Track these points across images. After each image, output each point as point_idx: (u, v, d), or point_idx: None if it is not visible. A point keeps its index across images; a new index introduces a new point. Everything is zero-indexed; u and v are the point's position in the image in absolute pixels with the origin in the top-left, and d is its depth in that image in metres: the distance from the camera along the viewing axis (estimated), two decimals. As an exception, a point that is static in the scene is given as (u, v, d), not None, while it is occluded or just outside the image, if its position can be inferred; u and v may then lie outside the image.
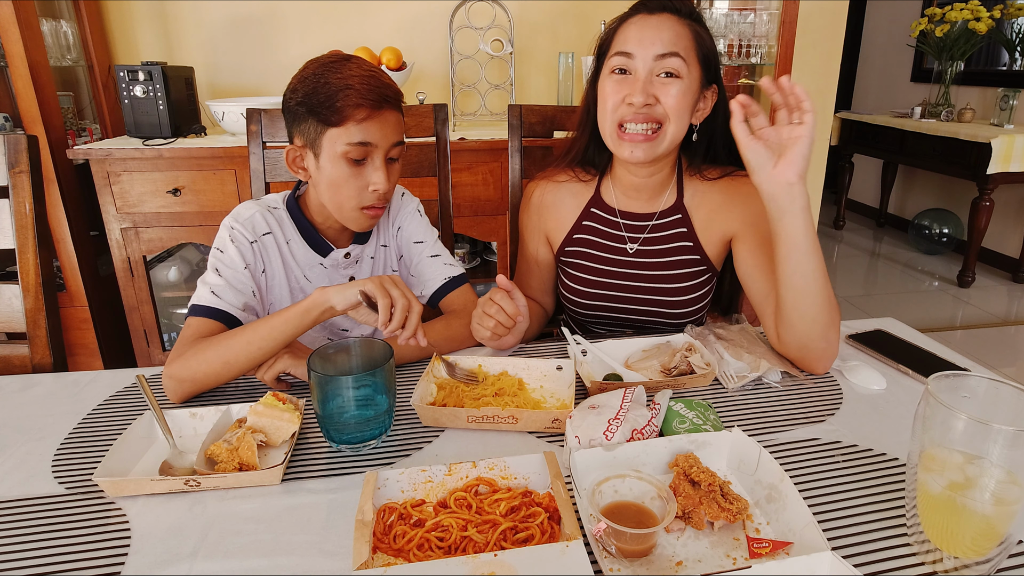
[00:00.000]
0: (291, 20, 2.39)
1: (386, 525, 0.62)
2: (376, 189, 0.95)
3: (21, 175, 1.04)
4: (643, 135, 0.98)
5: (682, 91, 0.97)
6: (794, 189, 0.83)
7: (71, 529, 0.64)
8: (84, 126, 2.32)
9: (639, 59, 0.96)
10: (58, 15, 2.19)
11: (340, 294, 0.85)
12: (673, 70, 0.96)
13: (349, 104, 0.89)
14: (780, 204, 0.84)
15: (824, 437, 0.77)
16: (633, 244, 1.11)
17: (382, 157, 0.94)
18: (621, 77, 0.98)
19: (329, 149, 0.92)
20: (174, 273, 2.26)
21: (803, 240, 0.85)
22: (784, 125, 0.83)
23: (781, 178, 0.83)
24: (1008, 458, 0.51)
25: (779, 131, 0.83)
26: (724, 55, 2.50)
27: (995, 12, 3.37)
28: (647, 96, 0.96)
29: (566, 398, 0.85)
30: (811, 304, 0.87)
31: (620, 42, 0.99)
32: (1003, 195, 3.54)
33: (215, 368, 0.85)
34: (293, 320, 0.86)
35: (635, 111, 0.97)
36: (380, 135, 0.93)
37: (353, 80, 0.89)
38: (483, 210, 2.12)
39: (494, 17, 2.33)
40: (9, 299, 1.08)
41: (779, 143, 0.83)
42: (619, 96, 0.98)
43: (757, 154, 0.84)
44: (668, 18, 0.97)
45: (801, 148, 0.81)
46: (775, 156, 0.84)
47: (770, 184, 0.84)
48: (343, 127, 0.90)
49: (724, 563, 0.58)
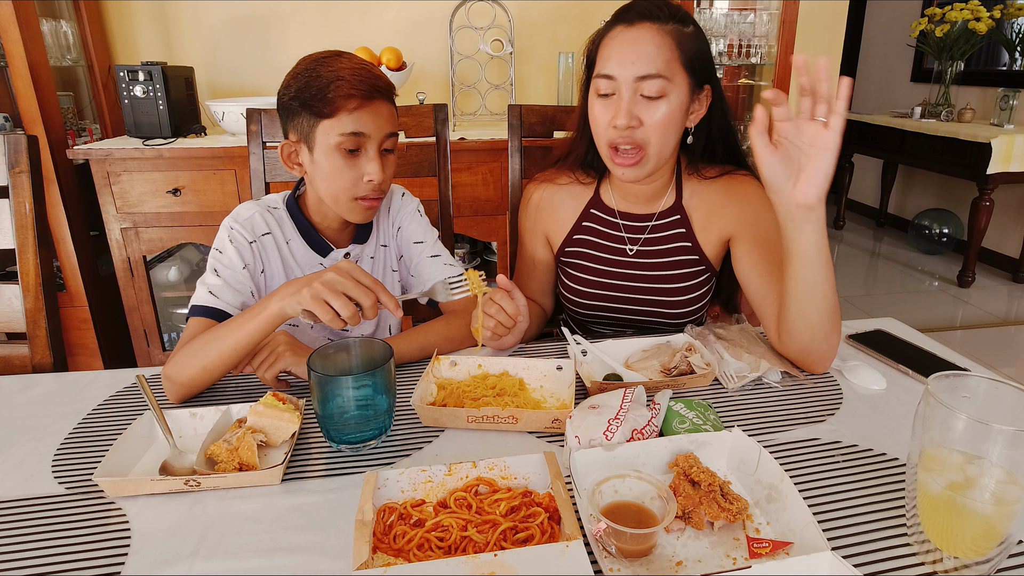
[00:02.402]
0: (291, 20, 2.39)
1: (386, 525, 0.62)
2: (371, 179, 0.95)
3: (21, 175, 1.04)
4: (630, 158, 0.97)
5: (667, 111, 0.95)
6: (813, 212, 0.78)
7: (71, 529, 0.64)
8: (84, 126, 2.32)
9: (620, 81, 0.94)
10: (58, 15, 2.19)
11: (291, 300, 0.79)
12: (655, 92, 0.93)
13: (340, 95, 0.90)
14: (797, 224, 0.80)
15: (824, 437, 0.77)
16: (633, 246, 1.11)
17: (376, 147, 0.95)
18: (606, 100, 0.97)
19: (323, 142, 0.93)
20: (174, 273, 2.26)
21: (815, 256, 0.81)
22: (805, 121, 0.75)
23: (801, 200, 0.77)
24: (1008, 458, 0.51)
25: (800, 130, 0.76)
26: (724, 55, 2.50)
27: (995, 12, 3.37)
28: (631, 119, 0.94)
29: (566, 398, 0.85)
30: (817, 313, 0.86)
31: (603, 61, 0.96)
32: (1003, 195, 3.53)
33: (194, 372, 0.84)
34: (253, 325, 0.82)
35: (619, 133, 0.96)
36: (373, 125, 0.93)
37: (344, 72, 0.90)
38: (483, 210, 2.12)
39: (494, 17, 2.33)
40: (9, 299, 1.08)
41: (799, 152, 0.77)
42: (606, 119, 0.97)
43: (775, 171, 0.78)
44: (647, 29, 0.94)
45: (822, 165, 0.75)
46: (793, 174, 0.78)
47: (788, 206, 0.79)
48: (335, 118, 0.91)
49: (724, 563, 0.58)
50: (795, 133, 0.76)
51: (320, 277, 0.78)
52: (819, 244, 0.81)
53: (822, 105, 0.74)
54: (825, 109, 0.74)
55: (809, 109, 0.75)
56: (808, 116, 0.75)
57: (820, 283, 0.84)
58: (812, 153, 0.76)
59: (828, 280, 0.84)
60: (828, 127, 0.74)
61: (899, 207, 4.62)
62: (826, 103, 0.73)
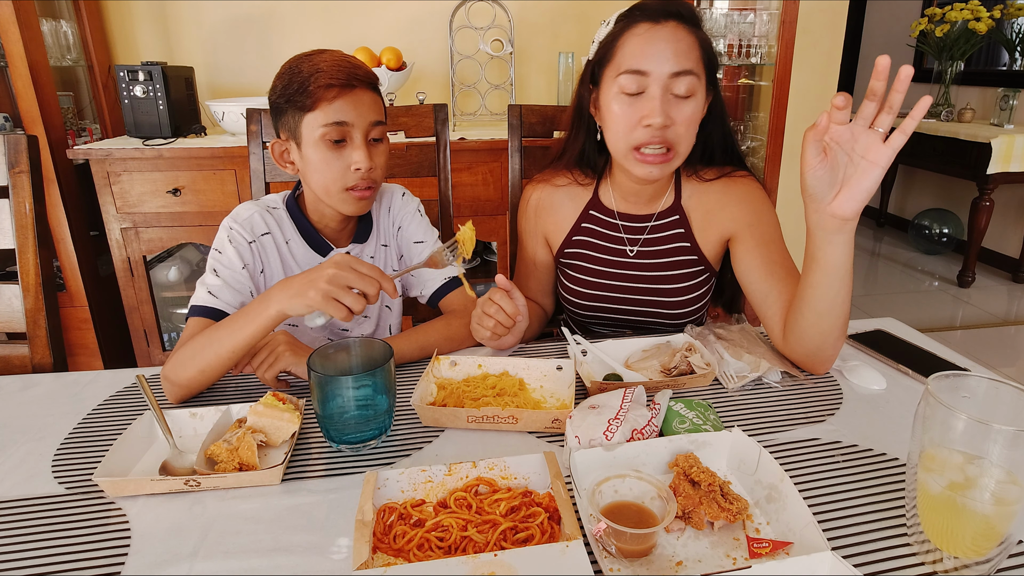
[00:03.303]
0: (291, 20, 2.38)
1: (386, 525, 0.62)
2: (358, 167, 0.95)
3: (21, 175, 1.04)
4: (660, 156, 0.95)
5: (695, 109, 0.94)
6: (847, 224, 0.75)
7: (71, 529, 0.64)
8: (84, 126, 2.32)
9: (653, 78, 0.91)
10: (58, 15, 2.19)
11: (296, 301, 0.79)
12: (686, 91, 0.92)
13: (320, 86, 0.91)
14: (827, 234, 0.77)
15: (824, 437, 0.77)
16: (633, 246, 1.11)
17: (361, 136, 0.95)
18: (632, 99, 0.94)
19: (309, 136, 0.94)
20: (174, 273, 2.26)
21: (841, 268, 0.79)
22: (864, 129, 0.70)
23: (838, 213, 0.73)
24: (1008, 458, 0.51)
25: (855, 138, 0.70)
26: (724, 55, 2.50)
27: (995, 12, 3.37)
28: (667, 117, 0.92)
29: (566, 398, 0.85)
30: (831, 323, 0.85)
31: (628, 57, 0.93)
32: (1003, 195, 3.53)
33: (192, 375, 0.84)
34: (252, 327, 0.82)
35: (651, 133, 0.93)
36: (354, 113, 0.93)
37: (323, 65, 0.92)
38: (483, 210, 2.12)
39: (494, 17, 2.33)
40: (9, 299, 1.08)
41: (848, 162, 0.72)
42: (634, 118, 0.94)
43: (819, 183, 0.73)
44: (676, 28, 0.92)
45: (868, 180, 0.71)
46: (836, 185, 0.73)
47: (822, 215, 0.75)
48: (317, 110, 0.92)
49: (724, 563, 0.58)
50: (849, 140, 0.71)
51: (322, 275, 0.77)
52: (846, 256, 0.78)
53: (887, 116, 0.68)
54: (889, 120, 0.68)
55: (871, 116, 0.69)
56: (867, 124, 0.69)
57: (840, 295, 0.82)
58: (862, 166, 0.71)
59: (847, 291, 0.82)
60: (886, 142, 0.69)
61: (899, 207, 4.62)
62: (893, 114, 0.68)
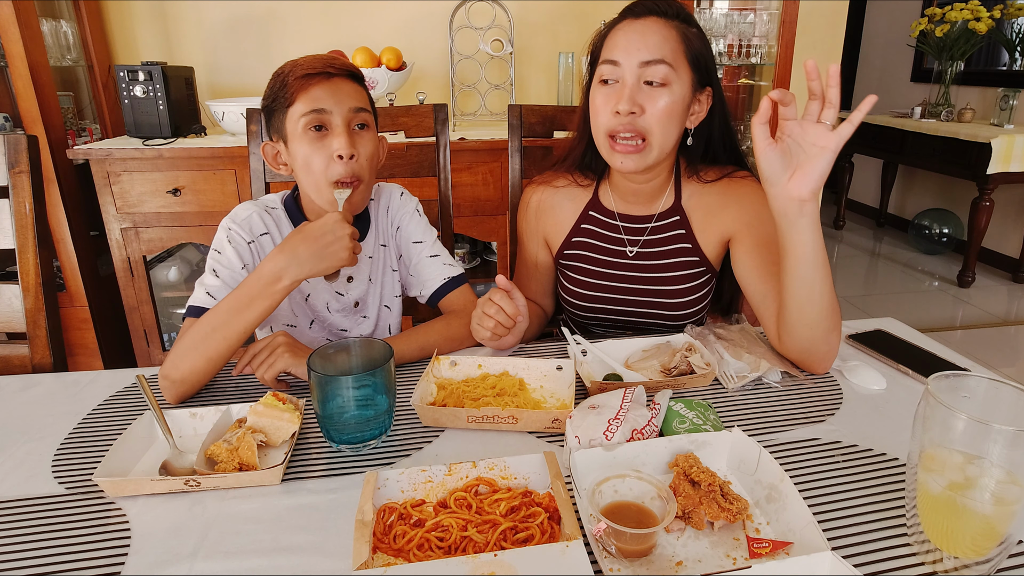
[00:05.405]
0: (291, 20, 2.39)
1: (386, 525, 0.62)
2: (340, 154, 0.94)
3: (21, 175, 1.04)
4: (632, 146, 0.97)
5: (670, 100, 0.95)
6: (806, 206, 0.80)
7: (71, 529, 0.64)
8: (84, 126, 2.32)
9: (624, 67, 0.95)
10: (58, 15, 2.19)
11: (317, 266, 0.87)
12: (660, 79, 0.94)
13: (296, 78, 0.93)
14: (790, 219, 0.81)
15: (824, 437, 0.77)
16: (633, 247, 1.11)
17: (342, 123, 0.95)
18: (609, 87, 0.97)
19: (293, 130, 0.95)
20: (174, 273, 2.26)
21: (811, 253, 0.82)
22: (811, 123, 0.77)
23: (794, 193, 0.79)
24: (1008, 458, 0.51)
25: (804, 131, 0.77)
26: (724, 55, 2.50)
27: (995, 12, 3.37)
28: (632, 104, 0.94)
29: (566, 398, 0.85)
30: (815, 312, 0.86)
31: (608, 50, 0.98)
32: (1003, 195, 3.53)
33: (199, 364, 0.85)
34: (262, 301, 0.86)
35: (620, 121, 0.96)
36: (332, 100, 0.94)
37: (301, 60, 0.95)
38: (483, 210, 2.12)
39: (494, 17, 2.33)
40: (9, 299, 1.08)
41: (800, 150, 0.78)
42: (608, 106, 0.97)
43: (772, 165, 0.80)
44: (654, 22, 0.95)
45: (820, 163, 0.77)
46: (791, 168, 0.79)
47: (781, 199, 0.81)
48: (297, 103, 0.94)
49: (724, 563, 0.58)
50: (799, 132, 0.78)
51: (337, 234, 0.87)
52: (814, 241, 0.82)
53: (830, 110, 0.75)
54: (832, 114, 0.75)
55: (816, 113, 0.76)
56: (814, 119, 0.76)
57: (817, 282, 0.84)
58: (812, 152, 0.78)
59: (825, 279, 0.84)
60: (835, 130, 0.75)
61: (899, 207, 4.62)
62: (834, 108, 0.75)
